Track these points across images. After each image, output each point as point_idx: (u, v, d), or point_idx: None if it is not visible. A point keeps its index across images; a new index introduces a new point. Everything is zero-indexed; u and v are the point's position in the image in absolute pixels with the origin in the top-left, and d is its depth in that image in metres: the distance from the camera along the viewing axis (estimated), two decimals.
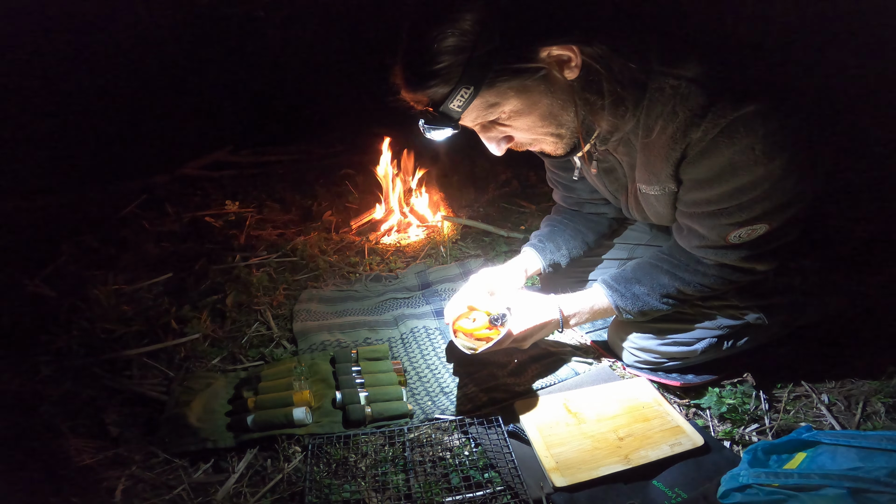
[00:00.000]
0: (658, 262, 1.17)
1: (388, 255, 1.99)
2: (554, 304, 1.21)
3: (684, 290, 1.13)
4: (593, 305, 1.21)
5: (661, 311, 1.16)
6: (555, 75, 0.93)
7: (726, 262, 1.08)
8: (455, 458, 1.06)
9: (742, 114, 0.89)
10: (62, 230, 2.10)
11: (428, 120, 0.98)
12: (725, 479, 0.90)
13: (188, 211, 2.34)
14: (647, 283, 1.16)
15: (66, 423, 1.15)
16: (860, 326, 1.33)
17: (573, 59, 0.91)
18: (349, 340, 1.44)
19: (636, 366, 1.27)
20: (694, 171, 0.99)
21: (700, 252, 1.10)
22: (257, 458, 1.09)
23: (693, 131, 0.94)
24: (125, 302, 1.59)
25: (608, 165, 1.18)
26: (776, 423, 1.12)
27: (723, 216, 1.01)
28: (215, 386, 1.26)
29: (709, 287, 1.12)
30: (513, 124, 1.00)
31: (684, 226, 1.11)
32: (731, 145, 0.92)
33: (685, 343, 1.21)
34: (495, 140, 1.05)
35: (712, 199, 1.00)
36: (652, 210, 1.16)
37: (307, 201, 2.44)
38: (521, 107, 0.96)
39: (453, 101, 0.92)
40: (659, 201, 1.11)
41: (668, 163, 1.00)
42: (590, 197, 1.42)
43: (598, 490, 0.97)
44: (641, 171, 1.09)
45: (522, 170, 2.69)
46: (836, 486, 0.79)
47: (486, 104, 0.95)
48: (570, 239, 1.44)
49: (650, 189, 1.09)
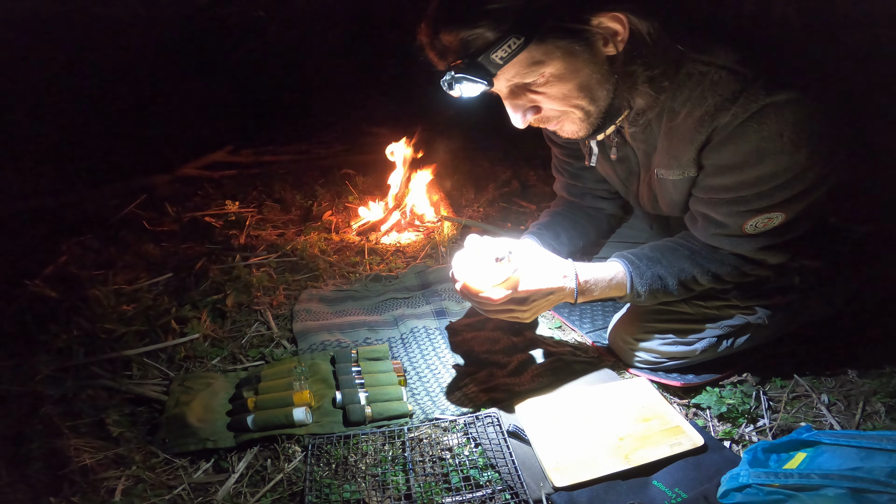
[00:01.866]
0: (678, 246, 1.15)
1: (388, 255, 1.99)
2: (570, 267, 1.10)
3: (699, 277, 1.12)
4: (612, 279, 1.12)
5: (670, 296, 1.14)
6: (599, 48, 0.92)
7: (741, 251, 1.08)
8: (455, 458, 1.06)
9: (774, 100, 0.89)
10: (62, 230, 2.09)
11: (462, 69, 0.89)
12: (725, 479, 0.90)
13: (188, 211, 2.34)
14: (667, 265, 1.13)
15: (66, 423, 1.15)
16: (860, 326, 1.33)
17: (621, 33, 0.90)
18: (349, 340, 1.44)
19: (637, 366, 1.27)
20: (718, 156, 0.98)
21: (715, 241, 1.10)
22: (257, 458, 1.09)
23: (722, 116, 0.93)
24: (125, 302, 1.59)
25: (623, 154, 1.18)
26: (776, 423, 1.12)
27: (742, 203, 1.00)
28: (215, 386, 1.26)
29: (722, 277, 1.12)
30: (547, 91, 0.96)
31: (699, 215, 1.10)
32: (760, 131, 0.91)
33: (685, 343, 1.20)
34: (522, 109, 1.00)
35: (733, 186, 1.00)
36: (666, 198, 1.15)
37: (307, 201, 2.44)
38: (563, 71, 0.93)
39: (498, 49, 0.86)
40: (676, 187, 1.10)
41: (693, 146, 0.99)
42: (594, 187, 1.41)
43: (598, 490, 0.97)
44: (662, 156, 1.08)
45: (522, 170, 2.69)
46: (836, 486, 0.79)
47: (530, 60, 0.90)
48: (570, 228, 1.42)
49: (669, 174, 1.08)
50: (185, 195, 2.53)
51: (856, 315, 1.31)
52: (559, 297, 1.11)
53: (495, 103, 1.06)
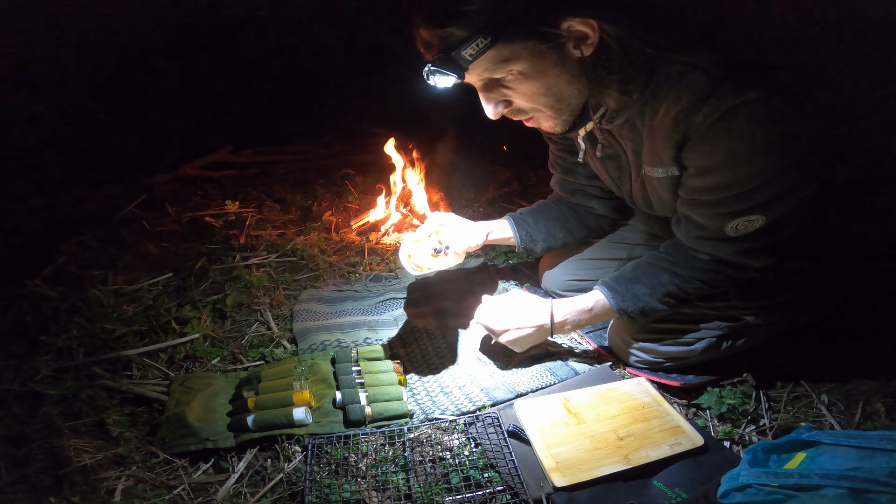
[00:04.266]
0: (656, 261, 1.17)
1: (388, 255, 1.99)
2: (546, 307, 1.21)
3: (684, 287, 1.13)
4: (592, 308, 1.20)
5: (661, 311, 1.16)
6: (569, 50, 0.96)
7: (722, 256, 1.08)
8: (455, 458, 1.06)
9: (743, 100, 0.90)
10: (62, 230, 2.09)
11: (436, 63, 0.97)
12: (725, 479, 0.90)
13: (188, 211, 2.33)
14: (647, 283, 1.15)
15: (66, 423, 1.15)
16: (860, 326, 1.33)
17: (591, 36, 0.93)
18: (349, 340, 1.44)
19: (636, 366, 1.27)
20: (695, 157, 1.00)
21: (697, 244, 1.10)
22: (257, 458, 1.09)
23: (694, 115, 0.94)
24: (125, 302, 1.59)
25: (613, 152, 1.19)
26: (776, 423, 1.12)
27: (720, 205, 1.01)
28: (215, 386, 1.26)
29: (706, 284, 1.12)
30: (517, 88, 1.02)
31: (682, 216, 1.11)
32: (731, 131, 0.92)
33: (685, 343, 1.21)
34: (494, 101, 1.06)
35: (711, 188, 1.01)
36: (656, 196, 1.16)
37: (307, 201, 2.44)
38: (529, 71, 0.98)
39: (468, 48, 0.93)
40: (662, 185, 1.11)
41: (670, 144, 1.01)
42: (586, 184, 1.43)
43: (598, 490, 0.97)
44: (647, 154, 1.09)
45: (522, 170, 2.69)
46: (836, 486, 0.79)
47: (497, 58, 0.96)
48: (552, 219, 1.46)
49: (655, 172, 1.09)
50: (185, 195, 2.53)
51: (855, 315, 1.31)
52: (540, 335, 1.23)
53: None
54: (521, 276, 1.76)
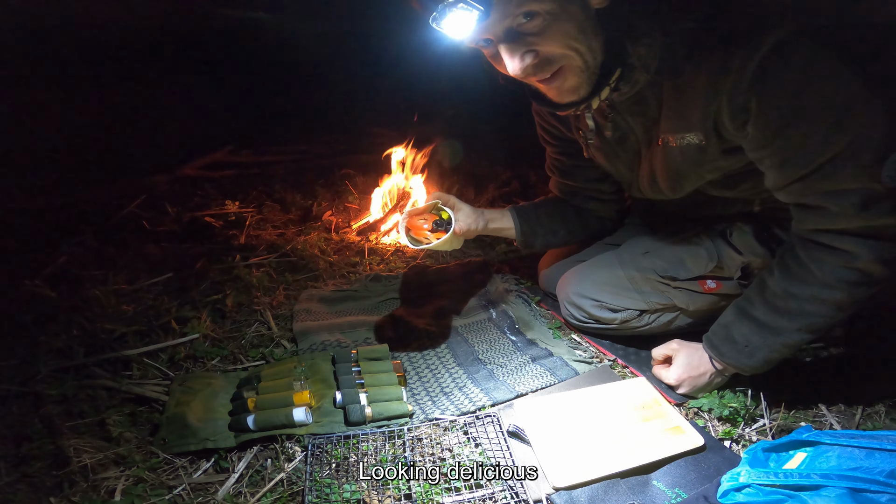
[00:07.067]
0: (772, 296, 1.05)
1: (388, 255, 1.99)
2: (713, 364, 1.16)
3: (830, 298, 1.00)
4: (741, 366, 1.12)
5: (796, 342, 1.07)
6: None
7: (881, 223, 0.92)
8: (455, 458, 1.06)
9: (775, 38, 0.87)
10: (62, 230, 2.09)
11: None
12: (725, 479, 0.90)
13: (188, 211, 2.34)
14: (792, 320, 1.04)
15: (66, 423, 1.15)
16: (860, 326, 1.32)
17: None
18: (349, 340, 1.44)
19: (566, 319, 1.36)
20: (767, 107, 0.91)
21: (854, 219, 0.93)
22: (257, 458, 1.09)
23: (732, 62, 0.90)
24: (125, 302, 1.59)
25: (621, 133, 1.16)
26: (776, 423, 1.12)
27: (855, 143, 0.88)
28: (215, 386, 1.26)
29: (841, 286, 0.99)
30: (545, 31, 0.92)
31: (810, 202, 0.96)
32: (787, 63, 0.87)
33: (610, 309, 1.28)
34: (519, 53, 0.94)
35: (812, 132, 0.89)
36: (671, 170, 1.12)
37: (307, 201, 2.44)
38: (558, 11, 0.90)
39: None
40: (683, 154, 1.06)
41: (705, 103, 0.97)
42: (585, 185, 1.44)
43: (598, 490, 0.97)
44: (668, 121, 1.05)
45: (523, 170, 2.69)
46: (835, 486, 0.79)
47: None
48: (552, 214, 1.48)
49: (676, 138, 1.05)
50: (185, 195, 2.53)
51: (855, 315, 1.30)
52: (710, 377, 1.18)
53: (496, 103, 1.06)
54: (519, 276, 1.76)
